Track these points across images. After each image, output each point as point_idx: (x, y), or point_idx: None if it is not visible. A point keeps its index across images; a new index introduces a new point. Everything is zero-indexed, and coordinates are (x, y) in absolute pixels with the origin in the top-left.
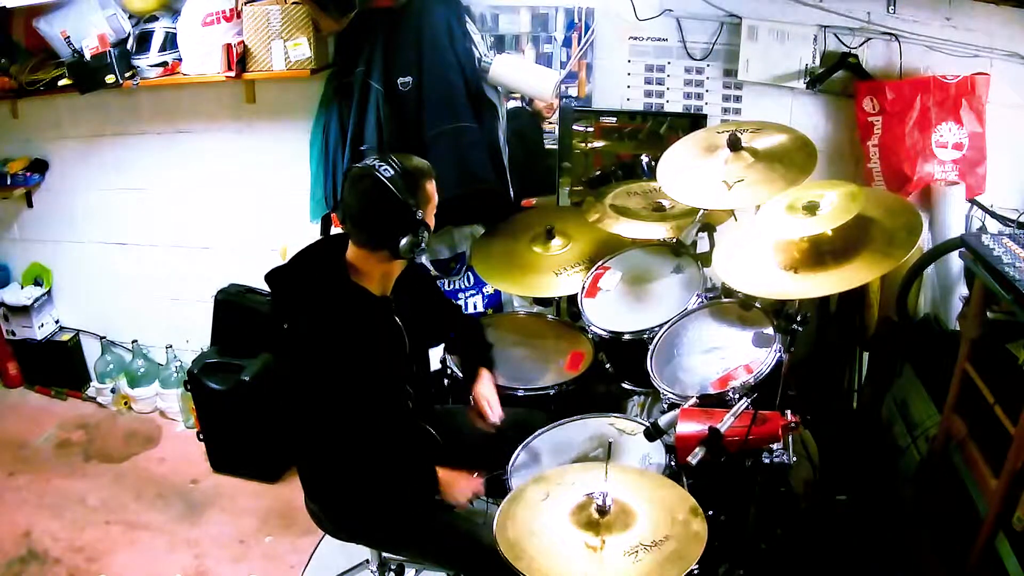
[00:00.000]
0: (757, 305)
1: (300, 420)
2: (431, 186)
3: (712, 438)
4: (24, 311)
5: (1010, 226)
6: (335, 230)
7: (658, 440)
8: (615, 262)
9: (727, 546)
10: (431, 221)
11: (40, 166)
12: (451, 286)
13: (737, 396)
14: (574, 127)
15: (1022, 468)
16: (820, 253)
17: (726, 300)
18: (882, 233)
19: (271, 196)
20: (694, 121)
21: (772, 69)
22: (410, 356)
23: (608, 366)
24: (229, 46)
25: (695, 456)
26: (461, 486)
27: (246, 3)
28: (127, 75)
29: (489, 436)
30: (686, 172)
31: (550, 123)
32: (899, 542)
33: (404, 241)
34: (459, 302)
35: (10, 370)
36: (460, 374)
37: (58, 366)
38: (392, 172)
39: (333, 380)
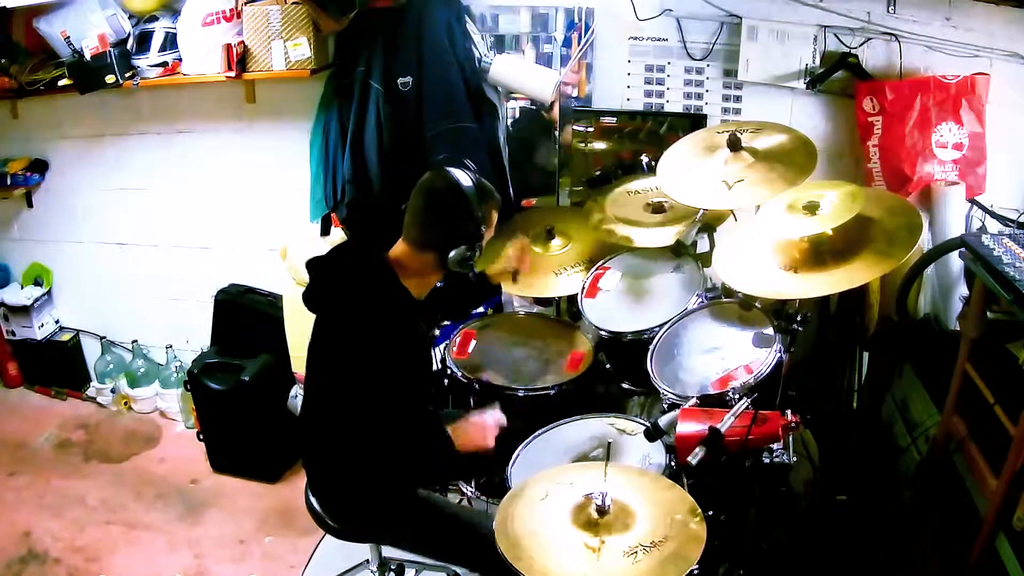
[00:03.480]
0: (757, 305)
1: (323, 410)
2: (495, 214)
3: (712, 438)
4: (24, 311)
5: (1010, 226)
6: (335, 230)
7: (658, 440)
8: (615, 262)
9: (727, 546)
10: (483, 243)
11: (40, 166)
12: None
13: (737, 396)
14: (574, 127)
15: (1022, 468)
16: (820, 253)
17: (726, 300)
18: (882, 233)
19: (271, 196)
20: (694, 121)
21: (772, 69)
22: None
23: (608, 366)
24: (229, 46)
25: (695, 456)
26: (482, 432)
27: (246, 3)
28: (127, 75)
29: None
30: (686, 172)
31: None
32: (899, 542)
33: (455, 251)
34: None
35: (10, 370)
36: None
37: (58, 366)
38: (471, 183)
39: (374, 373)
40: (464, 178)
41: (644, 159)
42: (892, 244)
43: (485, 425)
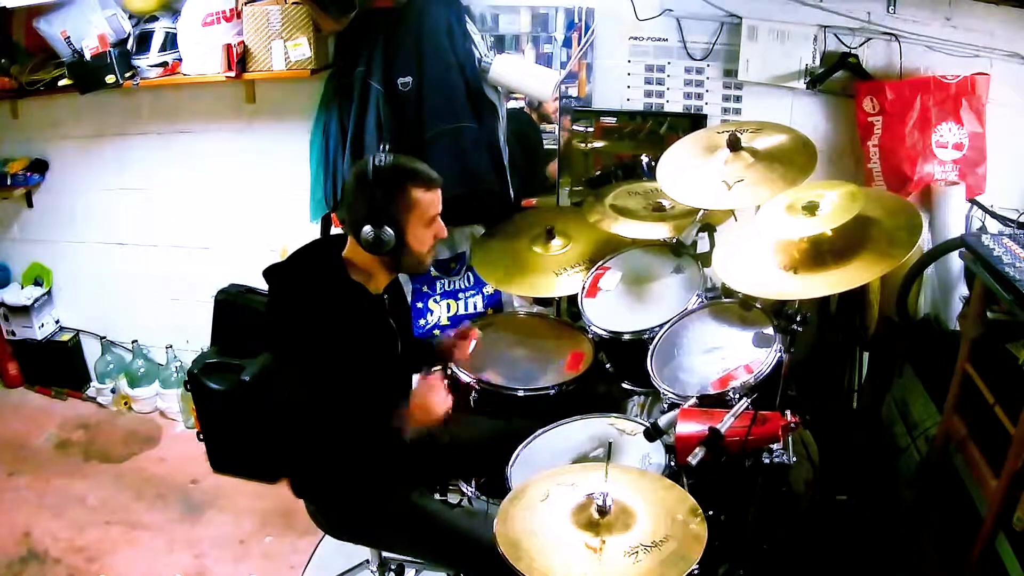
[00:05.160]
0: (757, 305)
1: (291, 416)
2: (418, 193)
3: (712, 438)
4: (24, 311)
5: (1010, 226)
6: (335, 230)
7: (658, 440)
8: (615, 262)
9: (727, 546)
10: (413, 229)
11: (40, 166)
12: (451, 286)
13: (737, 396)
14: (574, 127)
15: (1022, 468)
16: (820, 253)
17: (726, 300)
18: (882, 233)
19: (271, 196)
20: (694, 121)
21: (772, 69)
22: (401, 357)
23: (608, 366)
24: (229, 46)
25: (695, 456)
26: (431, 409)
27: (246, 3)
28: (127, 75)
29: (487, 438)
30: (686, 172)
31: (550, 123)
32: (899, 542)
33: (365, 230)
34: (459, 302)
35: (10, 370)
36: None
37: (58, 366)
38: (381, 162)
39: (325, 372)
40: (379, 159)
41: (644, 159)
42: (892, 244)
43: (429, 394)
